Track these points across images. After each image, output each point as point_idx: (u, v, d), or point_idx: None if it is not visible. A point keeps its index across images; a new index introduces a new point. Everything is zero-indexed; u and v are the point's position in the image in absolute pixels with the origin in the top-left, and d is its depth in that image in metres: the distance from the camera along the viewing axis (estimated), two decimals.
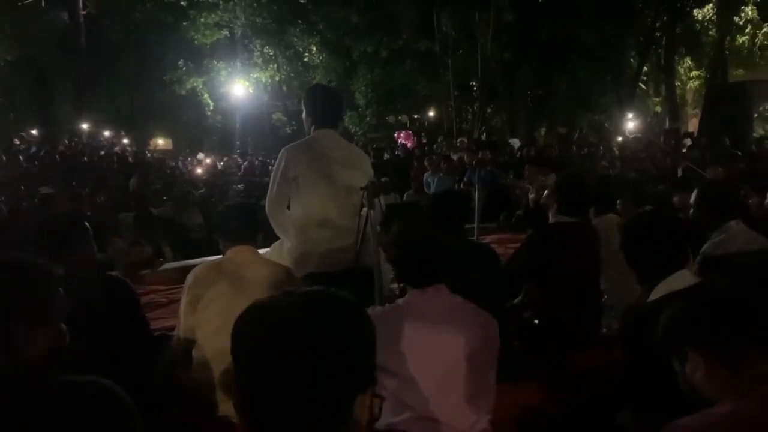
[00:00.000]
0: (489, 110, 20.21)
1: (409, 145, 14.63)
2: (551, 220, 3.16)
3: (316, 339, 0.88)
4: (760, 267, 2.63)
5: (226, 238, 2.48)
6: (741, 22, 21.60)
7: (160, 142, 23.37)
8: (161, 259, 4.52)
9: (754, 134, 12.89)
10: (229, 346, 0.94)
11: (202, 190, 8.82)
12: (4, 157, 11.62)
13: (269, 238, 3.30)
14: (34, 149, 13.21)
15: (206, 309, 2.29)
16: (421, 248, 1.87)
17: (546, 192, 3.28)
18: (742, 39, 22.44)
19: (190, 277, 2.38)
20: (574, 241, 3.00)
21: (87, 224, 2.41)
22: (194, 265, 2.52)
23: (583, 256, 2.99)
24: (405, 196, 7.94)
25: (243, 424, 0.92)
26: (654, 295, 1.97)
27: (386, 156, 11.78)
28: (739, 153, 8.82)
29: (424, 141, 14.99)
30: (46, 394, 1.23)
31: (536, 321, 3.09)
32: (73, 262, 2.10)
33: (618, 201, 3.75)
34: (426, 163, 8.66)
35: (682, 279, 1.95)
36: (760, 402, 1.22)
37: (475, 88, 19.78)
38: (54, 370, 1.29)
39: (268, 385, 0.88)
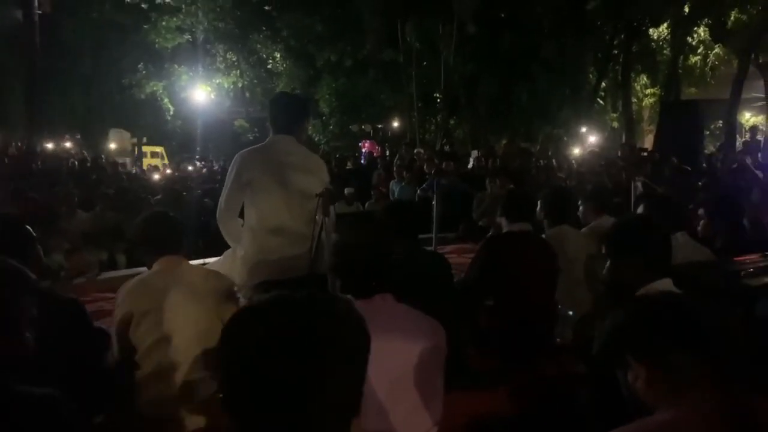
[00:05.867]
0: (452, 122, 20.43)
1: (374, 154, 14.69)
2: (503, 229, 3.20)
3: (311, 347, 0.83)
4: (704, 276, 2.70)
5: (152, 251, 2.34)
6: (694, 43, 22.51)
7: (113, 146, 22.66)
8: (97, 270, 4.30)
9: (705, 151, 13.39)
10: (171, 359, 0.88)
11: (158, 197, 8.61)
12: None
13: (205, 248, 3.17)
14: None
15: (140, 325, 2.18)
16: (362, 256, 1.80)
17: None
18: (694, 59, 23.40)
19: (119, 295, 2.26)
20: (525, 249, 3.03)
21: (30, 229, 2.29)
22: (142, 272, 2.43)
23: (535, 264, 3.02)
24: (366, 205, 7.95)
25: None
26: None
27: (349, 165, 11.77)
28: (689, 169, 9.14)
29: (387, 151, 15.04)
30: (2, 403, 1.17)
31: (491, 330, 3.09)
32: None
33: (579, 208, 3.79)
34: (394, 170, 8.76)
35: (664, 287, 1.91)
36: (692, 409, 1.24)
37: (438, 100, 19.98)
38: (9, 379, 1.22)
39: (256, 392, 0.83)
